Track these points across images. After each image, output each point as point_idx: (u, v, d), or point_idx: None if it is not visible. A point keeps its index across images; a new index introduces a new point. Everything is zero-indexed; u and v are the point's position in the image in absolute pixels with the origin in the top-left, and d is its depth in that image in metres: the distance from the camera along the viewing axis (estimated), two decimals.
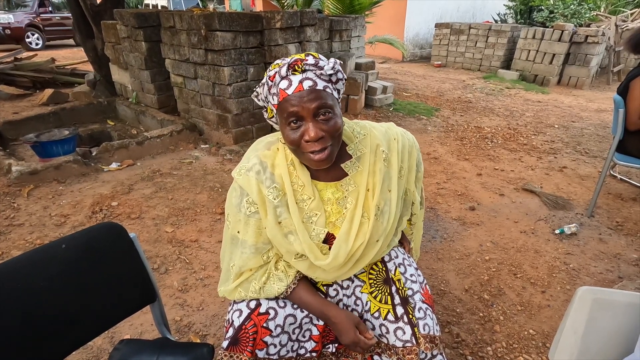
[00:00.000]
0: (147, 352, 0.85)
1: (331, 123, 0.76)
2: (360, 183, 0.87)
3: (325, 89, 0.76)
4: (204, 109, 3.35)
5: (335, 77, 0.78)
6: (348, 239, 0.85)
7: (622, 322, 0.70)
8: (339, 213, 0.88)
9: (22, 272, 0.75)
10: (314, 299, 0.90)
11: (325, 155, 0.77)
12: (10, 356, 0.71)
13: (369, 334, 0.87)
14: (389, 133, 0.93)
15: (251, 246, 0.87)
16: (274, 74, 0.77)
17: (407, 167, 0.94)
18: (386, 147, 0.90)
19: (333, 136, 0.77)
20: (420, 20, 8.85)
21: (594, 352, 0.71)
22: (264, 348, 0.84)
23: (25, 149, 3.28)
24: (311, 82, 0.74)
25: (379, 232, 0.88)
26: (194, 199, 2.45)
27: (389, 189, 0.89)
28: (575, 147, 3.55)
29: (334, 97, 0.78)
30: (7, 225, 2.10)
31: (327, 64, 0.76)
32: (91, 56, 4.43)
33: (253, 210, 0.85)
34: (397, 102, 4.74)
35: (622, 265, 1.91)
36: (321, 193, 0.88)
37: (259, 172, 0.84)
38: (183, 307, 1.60)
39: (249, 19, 2.97)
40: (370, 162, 0.88)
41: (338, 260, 0.85)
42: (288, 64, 0.75)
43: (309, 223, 0.86)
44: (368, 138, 0.90)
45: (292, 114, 0.75)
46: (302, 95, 0.74)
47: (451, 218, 2.32)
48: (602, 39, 6.07)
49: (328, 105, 0.75)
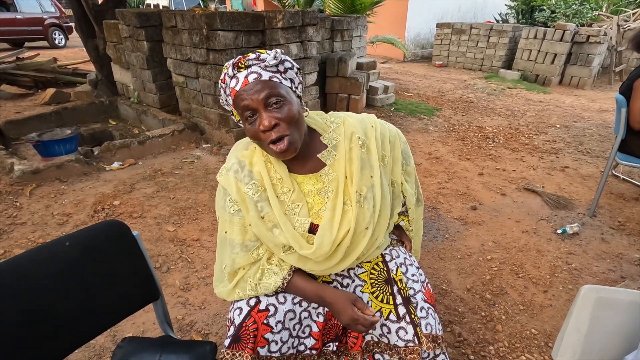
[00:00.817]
0: (150, 350, 0.85)
1: (284, 110, 0.78)
2: (338, 171, 0.88)
3: (271, 79, 0.78)
4: (205, 108, 3.35)
5: (282, 66, 0.81)
6: (332, 227, 0.85)
7: (625, 321, 0.70)
8: (322, 203, 0.88)
9: (26, 269, 0.75)
10: (309, 284, 0.90)
11: (285, 144, 0.78)
12: (13, 353, 0.71)
13: (369, 310, 0.86)
14: (365, 121, 0.94)
15: (238, 244, 0.88)
16: (223, 76, 0.82)
17: (390, 157, 0.94)
18: (362, 133, 0.90)
19: (289, 123, 0.78)
20: (421, 20, 8.84)
21: (597, 351, 0.71)
22: (266, 345, 0.84)
23: (27, 148, 3.29)
24: (255, 74, 0.78)
25: (366, 218, 0.87)
26: (196, 198, 2.46)
27: (371, 175, 0.89)
28: (577, 147, 3.54)
29: (285, 85, 0.80)
30: (10, 224, 2.11)
31: (268, 56, 0.79)
32: (93, 56, 4.44)
33: (236, 209, 0.87)
34: (398, 102, 4.74)
35: (624, 265, 1.91)
36: (302, 185, 0.89)
37: (237, 170, 0.87)
38: (185, 306, 1.61)
39: (250, 19, 2.97)
40: (346, 149, 0.88)
41: (323, 248, 0.84)
42: (232, 63, 0.80)
43: (292, 215, 0.87)
44: (342, 126, 0.91)
45: (245, 108, 0.78)
46: (249, 88, 0.77)
47: (453, 218, 2.32)
48: (604, 38, 6.06)
49: (277, 93, 0.77)
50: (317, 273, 0.93)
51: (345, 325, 0.88)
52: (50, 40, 9.94)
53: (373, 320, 0.84)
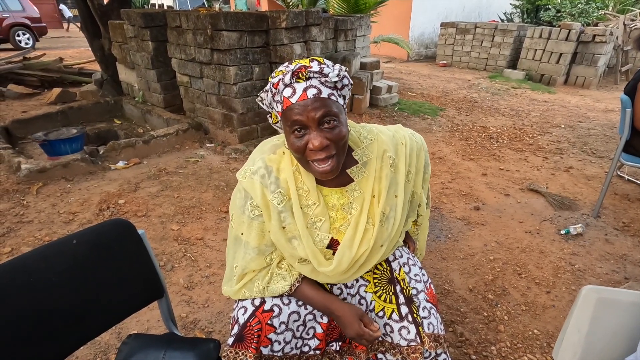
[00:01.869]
0: (155, 347, 0.87)
1: (336, 132, 0.74)
2: (365, 189, 0.86)
3: (330, 97, 0.74)
4: (209, 108, 3.37)
5: (340, 83, 0.77)
6: (352, 246, 0.85)
7: (626, 321, 0.70)
8: (344, 219, 0.87)
9: (34, 267, 0.76)
10: (317, 294, 0.90)
11: (330, 167, 0.76)
12: (20, 349, 0.73)
13: (374, 325, 0.86)
14: (397, 137, 0.91)
15: (254, 248, 0.88)
16: (277, 82, 0.75)
17: (414, 170, 0.93)
18: (393, 152, 0.89)
19: (338, 145, 0.76)
20: (425, 19, 8.81)
21: (597, 351, 0.71)
22: (269, 345, 0.85)
23: (34, 147, 3.33)
24: (315, 90, 0.73)
25: (383, 237, 0.87)
26: (200, 197, 2.47)
27: (396, 195, 0.88)
28: (582, 147, 3.52)
29: (339, 104, 0.77)
30: (17, 222, 2.13)
31: (332, 71, 0.74)
32: (98, 56, 4.47)
33: (257, 214, 0.85)
34: (401, 102, 4.73)
35: (628, 266, 1.90)
36: (326, 199, 0.87)
37: (263, 176, 0.84)
38: (189, 304, 1.62)
39: (254, 19, 2.98)
40: (377, 167, 0.86)
41: (341, 266, 0.85)
42: (292, 71, 0.73)
43: (313, 229, 0.86)
44: (375, 143, 0.88)
45: (296, 123, 0.74)
46: (306, 104, 0.72)
47: (456, 218, 2.32)
48: (610, 38, 6.01)
49: (333, 113, 0.74)
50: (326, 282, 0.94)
51: (351, 338, 0.89)
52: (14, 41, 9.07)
53: (376, 336, 0.86)
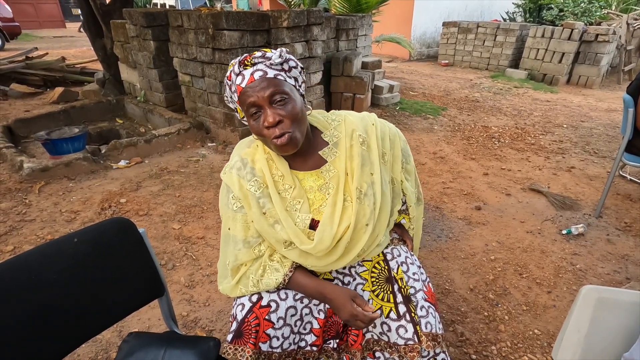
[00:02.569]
0: (156, 345, 0.87)
1: (288, 107, 0.80)
2: (339, 168, 0.90)
3: (276, 77, 0.80)
4: (211, 107, 3.37)
5: (287, 65, 0.83)
6: (332, 223, 0.87)
7: (625, 321, 0.70)
8: (323, 199, 0.90)
9: (35, 265, 0.77)
10: (310, 280, 0.91)
11: (286, 138, 0.80)
12: (22, 347, 0.73)
13: (368, 306, 0.86)
14: (366, 119, 0.96)
15: (241, 240, 0.90)
16: (229, 74, 0.84)
17: (390, 154, 0.96)
18: (363, 131, 0.92)
19: (293, 120, 0.80)
20: (427, 19, 8.79)
21: (597, 351, 0.71)
22: (267, 341, 0.85)
23: (36, 146, 3.34)
24: (261, 72, 0.80)
25: (366, 214, 0.88)
26: (201, 196, 2.48)
27: (371, 172, 0.90)
28: (584, 147, 3.51)
29: (290, 84, 0.83)
30: (19, 220, 2.15)
31: (274, 54, 0.81)
32: (100, 55, 4.49)
33: (239, 205, 0.88)
34: (403, 101, 4.73)
35: (630, 266, 1.89)
36: (303, 182, 0.90)
37: (239, 168, 0.89)
38: (190, 303, 1.63)
39: (256, 18, 2.98)
40: (347, 146, 0.90)
41: (324, 243, 0.86)
42: (239, 61, 0.82)
43: (293, 211, 0.88)
44: (343, 124, 0.93)
45: (251, 105, 0.80)
46: (255, 85, 0.79)
47: (457, 217, 2.32)
48: (613, 37, 5.98)
49: (281, 90, 0.79)
50: (318, 269, 0.94)
51: (345, 321, 0.89)
52: None
53: (372, 317, 0.85)
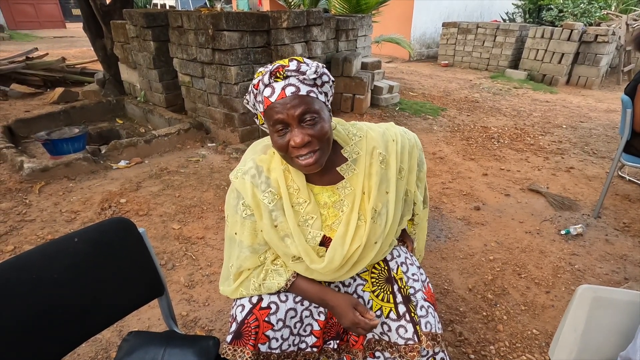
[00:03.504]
0: (155, 344, 0.87)
1: (317, 127, 0.75)
2: (356, 186, 0.87)
3: (309, 94, 0.75)
4: (210, 107, 3.38)
5: (320, 80, 0.77)
6: (344, 243, 0.85)
7: (621, 320, 0.70)
8: (336, 216, 0.88)
9: (36, 264, 0.77)
10: (312, 286, 0.91)
11: (312, 159, 0.77)
12: (23, 346, 0.74)
13: (369, 314, 0.86)
14: (387, 134, 0.92)
15: (248, 247, 0.89)
16: (257, 82, 0.77)
17: (407, 167, 0.93)
18: (383, 149, 0.89)
19: (321, 140, 0.77)
20: (427, 19, 8.80)
21: (593, 350, 0.72)
22: (266, 342, 0.86)
23: (36, 147, 3.35)
24: (294, 87, 0.74)
25: (376, 234, 0.87)
26: (201, 196, 2.49)
27: (387, 191, 0.88)
28: (583, 148, 3.51)
29: (320, 100, 0.77)
30: (20, 220, 2.15)
31: (309, 69, 0.75)
32: (100, 55, 4.49)
33: (249, 213, 0.86)
34: (403, 102, 4.73)
35: (628, 266, 1.90)
36: (317, 197, 0.88)
37: (254, 176, 0.85)
38: (189, 303, 1.63)
39: (255, 19, 2.99)
40: (366, 164, 0.87)
41: (333, 264, 0.85)
42: (270, 71, 0.75)
43: (305, 226, 0.87)
44: (364, 140, 0.89)
45: (278, 121, 0.75)
46: (285, 102, 0.73)
47: (456, 218, 2.32)
48: (613, 38, 6.00)
49: (313, 110, 0.75)
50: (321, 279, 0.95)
51: (347, 328, 0.89)
52: None
53: (373, 324, 0.86)
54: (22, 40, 11.53)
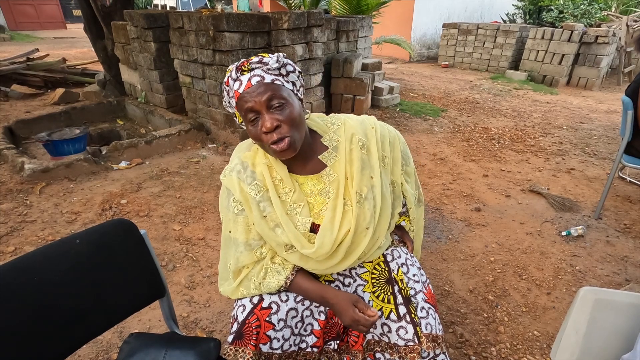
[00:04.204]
0: (156, 346, 0.87)
1: (286, 112, 0.80)
2: (339, 172, 0.90)
3: (274, 82, 0.80)
4: (211, 108, 3.38)
5: (284, 69, 0.82)
6: (332, 227, 0.87)
7: (623, 323, 0.70)
8: (323, 203, 0.90)
9: (37, 266, 0.77)
10: (312, 284, 0.92)
11: (285, 144, 0.80)
12: (24, 347, 0.73)
13: (370, 310, 0.87)
14: (366, 123, 0.96)
15: (242, 243, 0.90)
16: (227, 79, 0.84)
17: (390, 157, 0.96)
18: (362, 135, 0.93)
19: (291, 125, 0.80)
20: (427, 20, 8.81)
21: (595, 352, 0.71)
22: (268, 342, 0.86)
23: (37, 147, 3.35)
24: (259, 77, 0.79)
25: (366, 218, 0.88)
26: (201, 197, 2.49)
27: (371, 176, 0.91)
28: (584, 149, 3.51)
29: (287, 88, 0.82)
30: (20, 221, 2.15)
31: (271, 59, 0.81)
32: (101, 56, 4.50)
33: (240, 208, 0.89)
34: (403, 103, 4.74)
35: (629, 267, 1.90)
36: (303, 186, 0.91)
37: (239, 171, 0.89)
38: (190, 304, 1.63)
39: (256, 20, 2.99)
40: (347, 150, 0.90)
41: (324, 247, 0.86)
42: (236, 66, 0.82)
43: (294, 214, 0.89)
44: (342, 128, 0.93)
45: (248, 110, 0.80)
46: (252, 90, 0.79)
47: (456, 219, 2.32)
48: (613, 39, 6.00)
49: (279, 95, 0.79)
50: (319, 272, 0.95)
51: (347, 326, 0.89)
52: None
53: (373, 320, 0.86)
54: (23, 41, 11.54)
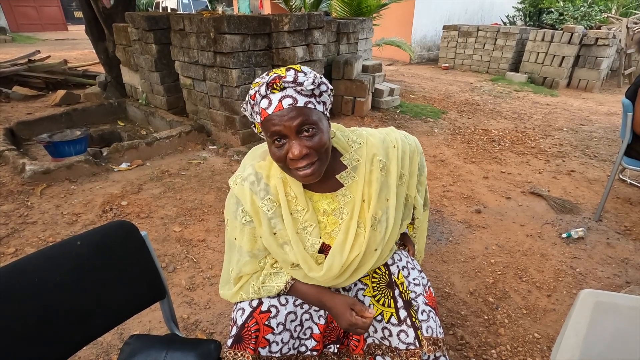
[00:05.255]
0: (157, 347, 0.88)
1: (315, 139, 0.74)
2: (355, 194, 0.86)
3: (307, 105, 0.73)
4: (212, 110, 3.39)
5: (318, 90, 0.75)
6: (343, 250, 0.85)
7: (624, 325, 0.70)
8: (335, 224, 0.87)
9: (39, 267, 0.78)
10: (310, 288, 0.91)
11: (310, 170, 0.76)
12: (25, 349, 0.74)
13: (368, 312, 0.85)
14: (387, 140, 0.91)
15: (247, 252, 0.89)
16: (254, 93, 0.75)
17: (408, 173, 0.92)
18: (384, 155, 0.88)
19: (319, 152, 0.75)
20: (427, 22, 8.83)
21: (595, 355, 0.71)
22: (267, 346, 0.86)
23: (38, 149, 3.36)
24: (291, 99, 0.72)
25: (376, 241, 0.87)
26: (202, 199, 2.49)
27: (387, 198, 0.87)
28: (584, 151, 3.51)
29: (319, 111, 0.76)
30: (21, 223, 2.15)
31: (307, 79, 0.73)
32: (102, 58, 4.51)
33: (248, 220, 0.86)
34: (404, 105, 4.74)
35: (629, 270, 1.90)
36: (317, 204, 0.87)
37: (253, 182, 0.85)
38: (190, 305, 1.63)
39: (257, 22, 3.00)
40: (366, 171, 0.86)
41: (332, 272, 0.85)
42: (267, 82, 0.73)
43: (304, 234, 0.86)
44: (364, 147, 0.88)
45: (275, 133, 0.73)
46: (282, 114, 0.72)
47: (457, 221, 2.32)
48: (613, 41, 6.01)
49: (311, 121, 0.73)
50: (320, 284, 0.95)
51: (345, 329, 0.89)
52: None
53: (369, 322, 0.85)
54: (24, 43, 11.58)
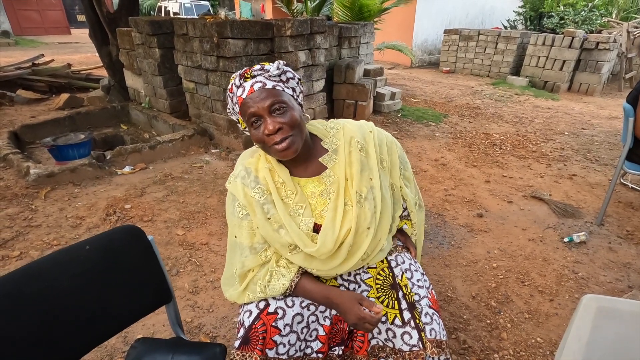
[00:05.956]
0: (163, 351, 0.89)
1: (287, 115, 0.84)
2: (339, 173, 0.94)
3: (275, 87, 0.85)
4: (214, 114, 3.41)
5: (284, 76, 0.88)
6: (334, 226, 0.90)
7: (626, 331, 0.71)
8: (324, 204, 0.93)
9: (48, 272, 0.79)
10: (316, 286, 0.93)
11: (286, 144, 0.84)
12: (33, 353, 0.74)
13: (376, 307, 0.86)
14: (364, 127, 1.00)
15: (247, 247, 0.92)
16: (231, 86, 0.89)
17: (389, 160, 1.01)
18: (361, 138, 0.97)
19: (292, 127, 0.85)
20: (428, 26, 8.88)
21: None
22: (274, 347, 0.87)
23: (42, 152, 3.38)
24: (260, 83, 0.85)
25: (367, 218, 0.91)
26: (205, 202, 2.50)
27: (370, 177, 0.94)
28: (586, 155, 3.52)
29: (287, 93, 0.88)
30: (26, 226, 2.17)
31: (272, 67, 0.87)
32: (106, 62, 4.55)
33: (244, 213, 0.92)
34: (405, 108, 4.76)
35: (632, 274, 1.90)
36: (305, 188, 0.94)
37: (244, 177, 0.93)
38: (194, 309, 1.64)
39: (260, 27, 3.03)
40: (346, 152, 0.94)
41: (327, 246, 0.88)
42: (239, 74, 0.88)
43: (297, 215, 0.91)
44: (341, 131, 0.97)
45: (251, 114, 0.85)
46: (255, 96, 0.84)
47: (459, 225, 2.33)
48: (614, 45, 6.03)
49: (280, 100, 0.84)
50: (323, 274, 0.96)
51: (353, 325, 0.89)
52: None
53: (379, 317, 0.85)
54: (28, 46, 11.67)
